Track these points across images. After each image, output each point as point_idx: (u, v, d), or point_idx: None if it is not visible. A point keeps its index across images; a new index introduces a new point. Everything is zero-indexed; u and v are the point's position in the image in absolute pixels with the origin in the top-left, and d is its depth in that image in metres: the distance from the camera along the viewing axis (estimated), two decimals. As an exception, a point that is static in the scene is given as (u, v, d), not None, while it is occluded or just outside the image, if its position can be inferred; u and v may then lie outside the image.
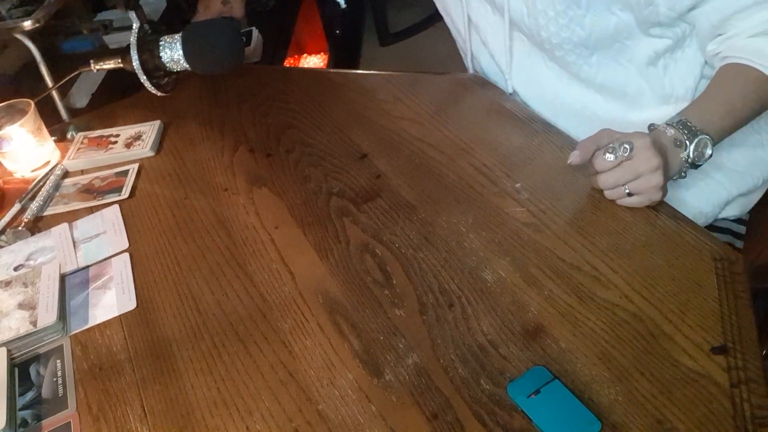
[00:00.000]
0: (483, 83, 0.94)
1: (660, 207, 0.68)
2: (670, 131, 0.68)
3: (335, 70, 1.05)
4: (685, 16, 0.72)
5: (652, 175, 0.65)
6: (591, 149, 0.69)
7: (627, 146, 0.65)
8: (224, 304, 0.67)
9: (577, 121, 0.85)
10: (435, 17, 1.02)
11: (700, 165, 0.69)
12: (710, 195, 0.84)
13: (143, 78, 0.87)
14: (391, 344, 0.60)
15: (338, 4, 2.36)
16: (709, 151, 0.68)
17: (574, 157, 0.69)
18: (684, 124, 0.68)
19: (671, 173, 0.68)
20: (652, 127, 0.71)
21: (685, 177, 0.70)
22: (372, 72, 1.03)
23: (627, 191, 0.67)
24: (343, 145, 0.87)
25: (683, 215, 0.67)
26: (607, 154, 0.66)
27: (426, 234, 0.70)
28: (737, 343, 0.54)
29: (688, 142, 0.67)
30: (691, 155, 0.67)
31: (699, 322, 0.56)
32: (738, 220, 0.89)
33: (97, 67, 0.91)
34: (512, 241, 0.67)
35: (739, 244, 0.88)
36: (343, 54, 2.34)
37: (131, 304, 0.69)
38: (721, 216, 0.87)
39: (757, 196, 0.87)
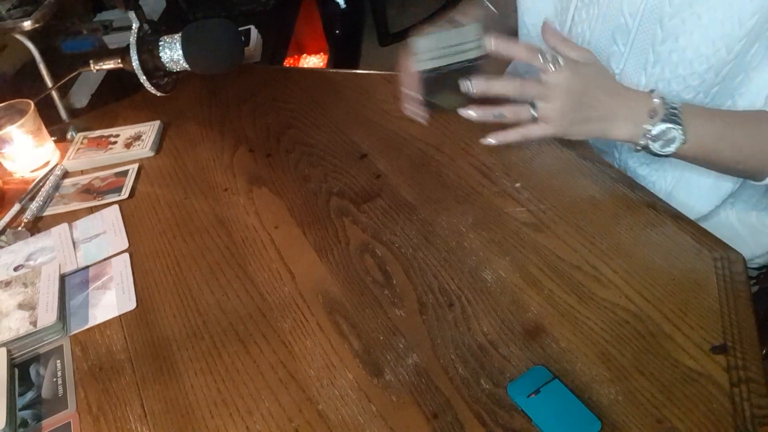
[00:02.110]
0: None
1: (660, 206, 0.68)
2: (656, 101, 0.65)
3: (335, 70, 1.05)
4: None
5: (554, 104, 0.63)
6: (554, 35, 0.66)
7: (559, 60, 0.62)
8: (224, 304, 0.67)
9: None
10: (435, 17, 1.00)
11: (657, 154, 0.66)
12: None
13: (143, 78, 0.87)
14: (391, 344, 0.60)
15: (338, 4, 2.36)
16: (671, 149, 0.65)
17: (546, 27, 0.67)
18: (672, 107, 0.65)
19: (616, 133, 0.66)
20: (652, 90, 0.68)
21: (639, 151, 0.67)
22: (372, 72, 1.03)
23: (533, 113, 0.65)
24: (343, 145, 0.87)
25: (683, 215, 0.67)
26: (539, 56, 0.64)
27: (426, 234, 0.70)
28: (737, 343, 0.54)
29: (661, 122, 0.64)
30: (652, 134, 0.65)
31: (699, 321, 0.56)
32: (761, 267, 0.88)
33: (97, 67, 0.91)
34: (512, 241, 0.67)
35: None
36: (343, 54, 2.34)
37: (131, 304, 0.69)
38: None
39: None
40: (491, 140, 0.70)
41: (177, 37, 0.86)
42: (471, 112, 0.68)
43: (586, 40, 0.80)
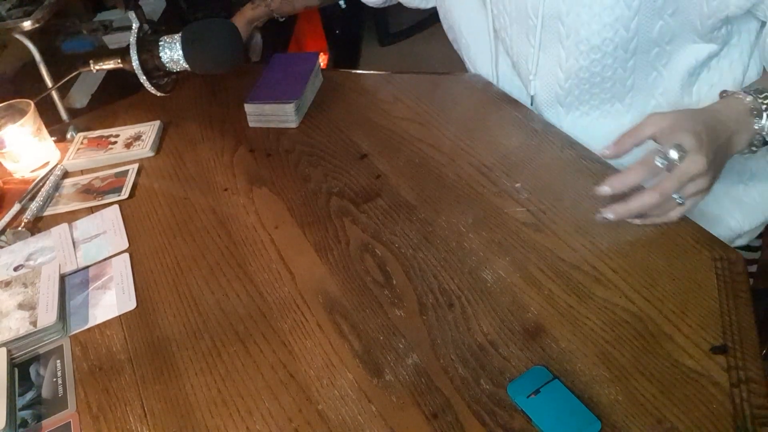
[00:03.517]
0: (483, 83, 0.94)
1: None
2: (748, 99, 0.64)
3: (335, 70, 1.05)
4: (759, 7, 0.68)
5: (701, 179, 0.60)
6: (630, 144, 0.63)
7: (676, 150, 0.59)
8: (224, 304, 0.67)
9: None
10: (435, 17, 1.00)
11: None
12: (724, 229, 0.82)
13: (143, 78, 0.87)
14: (391, 344, 0.60)
15: (338, 4, 2.36)
16: None
17: (607, 150, 0.64)
18: (761, 93, 0.64)
19: (738, 148, 0.64)
20: (724, 93, 0.67)
21: (755, 152, 0.65)
22: (372, 72, 1.03)
23: (679, 200, 0.61)
24: (343, 145, 0.87)
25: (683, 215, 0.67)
26: (657, 161, 0.60)
27: (426, 234, 0.70)
28: (737, 343, 0.54)
29: (766, 113, 0.63)
30: (767, 128, 0.63)
31: (699, 321, 0.56)
32: (746, 248, 0.88)
33: (97, 67, 0.91)
34: (512, 241, 0.67)
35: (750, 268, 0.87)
36: (343, 54, 2.34)
37: (131, 304, 0.69)
38: (731, 245, 0.85)
39: (761, 228, 0.85)
40: (637, 221, 0.66)
41: (177, 37, 0.86)
42: (610, 215, 0.64)
43: (508, 46, 0.84)
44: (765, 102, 0.64)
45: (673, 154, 0.60)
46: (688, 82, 0.77)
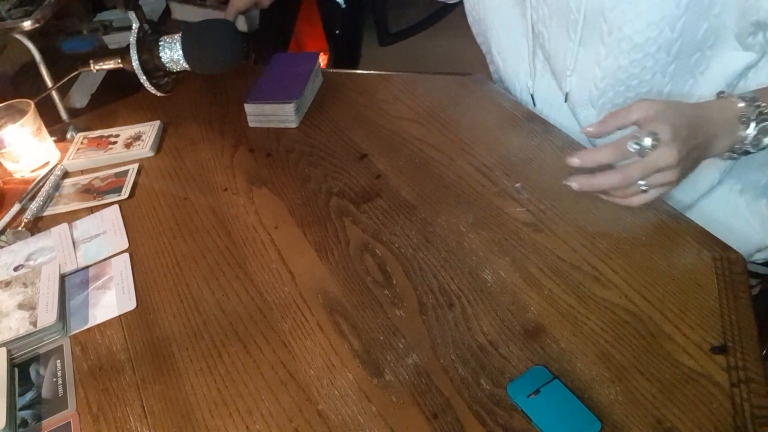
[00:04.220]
0: (483, 83, 0.94)
1: (660, 206, 0.68)
2: (740, 104, 0.63)
3: (335, 70, 1.05)
4: None
5: (669, 171, 0.61)
6: (612, 125, 0.63)
7: (651, 138, 0.59)
8: (224, 304, 0.67)
9: None
10: (435, 17, 1.00)
11: (751, 152, 0.65)
12: (743, 242, 0.81)
13: (143, 78, 0.87)
14: (391, 344, 0.60)
15: (338, 4, 2.36)
16: (766, 140, 0.63)
17: (590, 127, 0.65)
18: (755, 101, 0.63)
19: (717, 151, 0.64)
20: (721, 94, 0.67)
21: (736, 158, 0.66)
22: (372, 72, 1.03)
23: (643, 188, 0.62)
24: (343, 145, 0.87)
25: (683, 215, 0.67)
26: (631, 146, 0.60)
27: (426, 234, 0.70)
28: (737, 343, 0.54)
29: (753, 123, 0.63)
30: (750, 138, 0.63)
31: (699, 321, 0.56)
32: (767, 263, 0.87)
33: (97, 67, 0.91)
34: (512, 241, 0.67)
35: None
36: (343, 54, 2.34)
37: (131, 304, 0.69)
38: (750, 260, 0.84)
39: None
40: (604, 197, 0.67)
41: (177, 37, 0.86)
42: (574, 184, 0.65)
43: (547, 39, 0.82)
44: (756, 111, 0.63)
45: (647, 142, 0.60)
46: (717, 85, 0.75)
